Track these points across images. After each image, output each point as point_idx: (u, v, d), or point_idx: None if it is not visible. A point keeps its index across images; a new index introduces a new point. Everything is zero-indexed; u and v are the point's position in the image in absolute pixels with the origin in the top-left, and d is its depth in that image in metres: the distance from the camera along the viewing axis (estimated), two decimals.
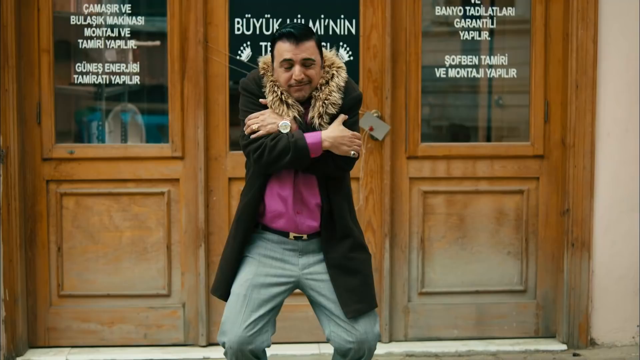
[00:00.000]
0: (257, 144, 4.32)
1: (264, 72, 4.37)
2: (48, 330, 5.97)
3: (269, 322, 4.41)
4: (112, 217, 5.95)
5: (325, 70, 4.38)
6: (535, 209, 6.09)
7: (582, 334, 6.01)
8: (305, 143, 4.28)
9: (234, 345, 4.35)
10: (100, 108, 6.65)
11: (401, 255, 6.04)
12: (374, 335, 4.41)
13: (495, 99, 6.84)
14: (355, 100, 4.44)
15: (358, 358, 4.45)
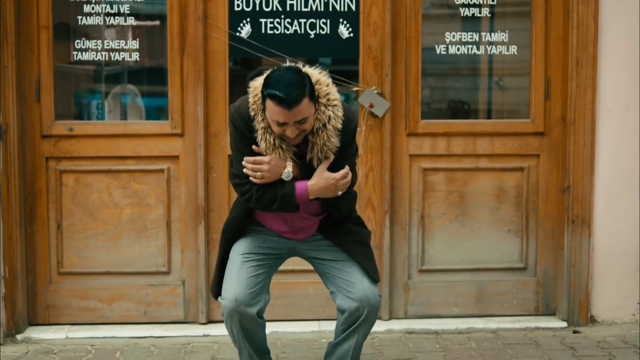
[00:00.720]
0: (245, 189, 4.39)
1: (254, 114, 4.32)
2: (48, 307, 5.96)
3: (264, 286, 4.46)
4: (112, 194, 5.94)
5: (320, 109, 4.32)
6: (536, 186, 6.08)
7: (582, 312, 6.00)
8: (294, 196, 4.31)
9: (232, 305, 4.38)
10: (100, 90, 6.64)
11: (401, 232, 6.03)
12: (375, 296, 4.45)
13: (495, 80, 6.82)
14: (353, 133, 4.45)
15: (358, 317, 4.47)
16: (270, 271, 4.58)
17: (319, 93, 4.31)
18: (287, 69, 4.27)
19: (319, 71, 4.37)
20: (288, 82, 4.16)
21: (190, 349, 5.63)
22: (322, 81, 4.34)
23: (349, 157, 4.47)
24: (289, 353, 5.53)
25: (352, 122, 4.43)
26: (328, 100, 4.32)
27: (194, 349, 5.64)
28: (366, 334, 4.60)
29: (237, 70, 7.53)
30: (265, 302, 4.49)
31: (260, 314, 4.46)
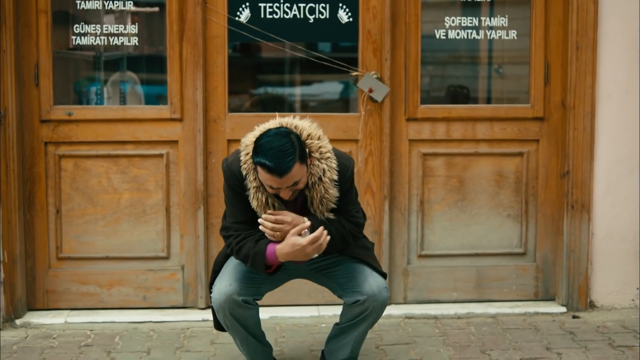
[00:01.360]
0: (229, 242, 4.43)
1: (246, 173, 4.34)
2: (47, 292, 5.96)
3: (259, 289, 4.58)
4: (111, 179, 5.93)
5: (314, 164, 4.33)
6: (535, 171, 6.08)
7: (582, 297, 6.00)
8: (263, 256, 4.32)
9: (221, 296, 4.41)
10: (99, 78, 6.64)
11: (400, 217, 6.03)
12: (382, 289, 4.48)
13: (495, 67, 6.82)
14: (351, 180, 4.47)
15: (366, 308, 4.49)
16: (267, 282, 4.58)
17: (311, 148, 4.33)
18: (276, 134, 4.22)
19: (309, 124, 4.39)
20: (277, 151, 4.15)
21: (189, 334, 5.63)
22: (314, 135, 4.36)
23: (350, 202, 4.49)
24: (288, 338, 5.53)
25: (348, 169, 4.45)
26: (321, 153, 4.34)
27: (193, 333, 5.64)
28: (372, 324, 4.62)
29: (236, 57, 7.54)
30: (256, 297, 4.51)
31: (251, 301, 4.47)
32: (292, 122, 4.39)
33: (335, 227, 4.40)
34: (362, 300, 4.47)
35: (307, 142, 4.32)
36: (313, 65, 6.91)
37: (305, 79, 8.09)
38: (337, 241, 4.40)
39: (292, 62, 7.90)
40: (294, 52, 6.09)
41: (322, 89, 8.06)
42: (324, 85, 7.99)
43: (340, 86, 7.83)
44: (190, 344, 5.45)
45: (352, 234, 4.47)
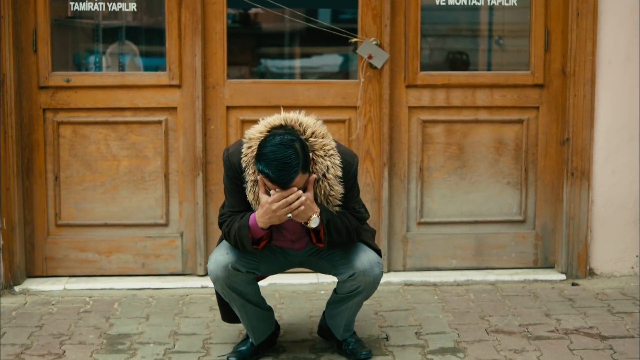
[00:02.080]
0: (222, 229, 4.44)
1: (245, 166, 4.32)
2: (46, 259, 5.95)
3: (256, 268, 4.56)
4: (110, 146, 5.92)
5: (318, 161, 4.30)
6: (535, 138, 6.06)
7: (581, 264, 5.99)
8: (247, 229, 4.30)
9: (216, 266, 4.42)
10: (98, 50, 6.62)
11: (400, 184, 6.01)
12: (376, 264, 4.46)
13: (495, 39, 6.80)
14: (354, 176, 4.45)
15: (356, 287, 4.48)
16: (265, 262, 4.58)
17: (315, 146, 4.29)
18: (281, 143, 4.14)
19: (314, 121, 4.35)
20: (281, 162, 4.12)
21: (188, 300, 5.63)
22: (318, 133, 4.33)
23: (353, 199, 4.47)
24: (287, 305, 5.53)
25: (352, 166, 4.42)
26: (324, 151, 4.31)
27: (192, 300, 5.64)
28: (365, 298, 4.63)
29: (236, 24, 7.51)
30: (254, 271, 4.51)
31: (249, 271, 4.46)
32: (296, 118, 4.34)
33: (341, 220, 4.37)
34: (353, 275, 4.45)
35: (310, 140, 4.29)
36: (313, 37, 6.90)
37: (304, 51, 8.07)
38: (342, 234, 4.37)
39: (291, 34, 7.88)
40: (293, 19, 6.07)
41: (322, 61, 8.04)
42: (324, 57, 7.98)
43: (339, 58, 7.82)
44: (189, 310, 5.45)
45: (356, 229, 4.44)
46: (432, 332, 5.08)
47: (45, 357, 4.74)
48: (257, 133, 4.30)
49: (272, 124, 4.31)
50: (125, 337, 5.02)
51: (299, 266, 4.78)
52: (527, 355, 4.72)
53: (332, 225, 4.31)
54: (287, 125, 4.30)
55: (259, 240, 4.36)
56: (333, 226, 4.32)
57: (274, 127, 4.30)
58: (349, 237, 4.41)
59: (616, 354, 4.74)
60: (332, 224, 4.31)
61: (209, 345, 4.90)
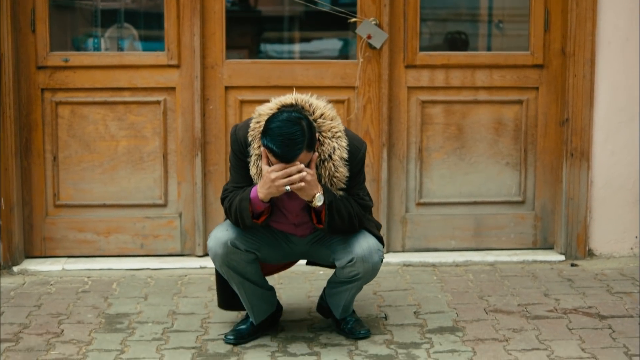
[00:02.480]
0: (224, 205, 4.43)
1: (251, 140, 4.32)
2: (44, 240, 5.95)
3: (257, 249, 4.54)
4: (108, 126, 5.91)
5: (325, 142, 4.29)
6: (534, 119, 6.04)
7: (580, 245, 5.99)
8: (248, 201, 4.28)
9: (216, 243, 4.41)
10: (97, 34, 6.60)
11: (399, 165, 6.00)
12: (371, 254, 4.44)
13: (495, 22, 6.78)
14: (362, 162, 4.43)
15: (354, 274, 4.47)
16: (266, 245, 4.57)
17: (323, 127, 4.30)
18: (288, 119, 4.15)
19: (324, 104, 4.36)
20: (286, 138, 4.12)
21: (186, 281, 5.63)
22: (327, 115, 4.33)
23: (358, 185, 4.45)
24: (286, 285, 5.52)
25: (359, 151, 4.41)
26: (332, 133, 4.31)
27: (191, 280, 5.64)
28: (367, 282, 4.62)
29: (235, 10, 7.50)
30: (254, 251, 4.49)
31: (249, 249, 4.45)
32: (307, 99, 4.35)
33: (344, 204, 4.36)
34: (351, 261, 4.43)
35: (319, 120, 4.30)
36: (312, 21, 6.89)
37: (304, 35, 8.06)
38: (344, 218, 4.35)
39: (291, 17, 7.87)
40: (293, 0, 6.04)
41: (321, 45, 8.04)
42: (323, 42, 7.97)
43: (339, 43, 7.81)
44: (187, 290, 5.45)
45: (358, 216, 4.42)
46: (430, 311, 5.08)
47: (44, 336, 4.73)
48: (267, 110, 4.31)
49: (282, 103, 4.33)
50: (124, 317, 5.02)
51: (300, 257, 4.77)
52: (526, 334, 4.72)
53: (335, 207, 4.30)
54: (297, 105, 4.32)
55: (259, 215, 4.35)
56: (335, 208, 4.30)
57: (284, 105, 4.32)
58: (351, 222, 4.39)
59: (615, 333, 4.73)
60: (335, 206, 4.30)
61: (207, 324, 4.90)
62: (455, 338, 4.68)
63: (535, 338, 4.66)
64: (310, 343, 4.63)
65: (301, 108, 4.30)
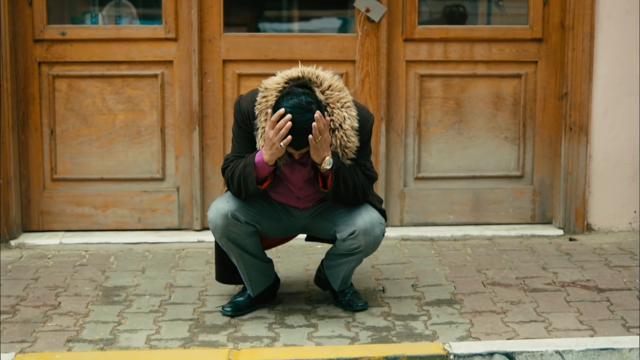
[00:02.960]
0: (225, 174, 4.40)
1: (258, 113, 4.29)
2: (42, 214, 5.93)
3: (258, 222, 4.53)
4: (105, 100, 5.89)
5: (334, 112, 4.27)
6: (533, 93, 6.02)
7: (579, 220, 5.98)
8: (252, 167, 4.26)
9: (216, 214, 4.40)
10: (96, 13, 6.56)
11: (397, 139, 5.99)
12: (374, 227, 4.44)
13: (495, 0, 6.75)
14: (370, 132, 4.43)
15: (356, 247, 4.47)
16: (266, 219, 4.55)
17: (332, 98, 4.28)
18: (299, 107, 4.14)
19: (331, 75, 4.34)
20: (298, 127, 4.12)
21: (184, 254, 5.62)
22: (335, 86, 4.32)
23: (364, 156, 4.44)
24: (284, 258, 5.52)
25: (368, 121, 4.40)
26: (341, 103, 4.29)
27: (189, 254, 5.63)
28: (367, 255, 4.61)
29: None
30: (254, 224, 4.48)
31: (249, 221, 4.44)
32: (314, 71, 4.33)
33: (350, 173, 4.34)
34: (353, 233, 4.42)
35: (327, 92, 4.28)
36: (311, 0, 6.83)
37: (303, 14, 8.01)
38: (349, 188, 4.34)
39: None
40: None
41: (320, 24, 7.98)
42: (322, 20, 7.92)
43: (338, 22, 7.76)
44: (185, 264, 5.44)
45: (363, 187, 4.40)
46: (428, 284, 5.07)
47: (41, 308, 4.73)
48: (273, 84, 4.29)
49: (289, 76, 4.30)
50: (121, 289, 5.01)
51: (300, 231, 4.75)
52: (524, 306, 4.72)
53: (341, 174, 4.29)
54: (304, 78, 4.29)
55: (263, 181, 4.33)
56: (342, 176, 4.30)
57: (291, 78, 4.29)
58: (355, 193, 4.38)
59: (613, 305, 4.73)
60: (341, 173, 4.29)
61: (205, 297, 4.89)
62: (452, 310, 4.67)
63: (533, 310, 4.66)
64: (308, 315, 4.62)
65: (308, 80, 4.28)
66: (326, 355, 4.09)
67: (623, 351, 4.13)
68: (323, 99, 4.25)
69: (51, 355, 4.11)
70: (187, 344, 4.26)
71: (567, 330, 4.39)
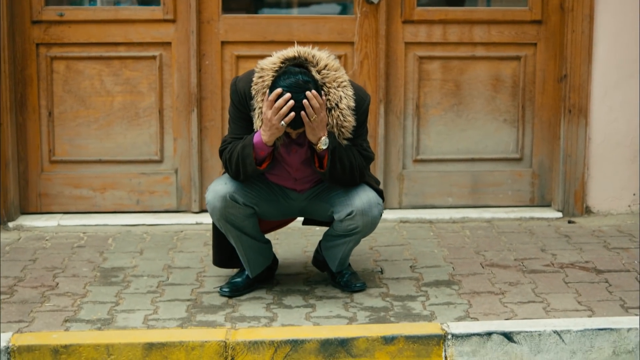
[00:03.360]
0: (223, 157, 4.40)
1: (255, 93, 4.28)
2: (40, 196, 5.92)
3: (256, 204, 4.53)
4: (104, 82, 5.87)
5: (330, 92, 4.26)
6: (533, 75, 6.00)
7: (578, 202, 5.97)
8: (251, 148, 4.25)
9: (214, 195, 4.39)
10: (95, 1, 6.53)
11: (396, 121, 5.97)
12: (371, 208, 4.43)
13: None
14: (366, 112, 4.41)
15: (353, 228, 4.46)
16: (264, 201, 4.54)
17: (328, 78, 4.26)
18: (296, 85, 4.13)
19: (327, 55, 4.33)
20: (295, 107, 4.11)
21: (182, 236, 5.62)
22: (331, 66, 4.30)
23: (361, 136, 4.42)
24: (282, 240, 5.51)
25: (364, 101, 4.39)
26: (338, 83, 4.28)
27: (187, 236, 5.63)
28: (365, 236, 4.61)
29: None
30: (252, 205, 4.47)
31: (247, 203, 4.43)
32: (310, 51, 4.32)
33: (347, 153, 4.33)
34: (351, 214, 4.42)
35: (323, 72, 4.27)
36: None
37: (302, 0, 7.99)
38: (345, 168, 4.32)
39: None
40: None
41: (320, 10, 7.95)
42: (322, 6, 7.89)
43: (337, 8, 7.73)
44: (183, 245, 5.44)
45: (360, 168, 4.39)
46: (427, 265, 5.07)
47: (38, 288, 4.72)
48: (270, 64, 4.27)
49: (285, 56, 4.29)
50: (119, 270, 5.01)
51: (298, 214, 4.74)
52: (522, 287, 4.71)
53: (337, 154, 4.28)
54: (300, 57, 4.28)
55: (261, 162, 4.32)
56: (338, 156, 4.29)
57: (287, 58, 4.28)
58: (352, 173, 4.37)
59: (611, 286, 4.72)
60: (337, 153, 4.28)
61: (202, 278, 4.89)
62: (451, 291, 4.67)
63: (531, 291, 4.65)
64: (306, 296, 4.62)
65: (304, 60, 4.27)
66: (324, 334, 4.09)
67: (621, 331, 4.12)
68: (319, 78, 4.23)
69: (48, 334, 4.10)
70: (185, 324, 4.25)
71: (566, 310, 4.39)
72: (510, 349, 4.09)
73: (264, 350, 4.04)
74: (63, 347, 4.00)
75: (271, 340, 4.05)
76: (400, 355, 4.07)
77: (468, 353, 4.08)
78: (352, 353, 4.06)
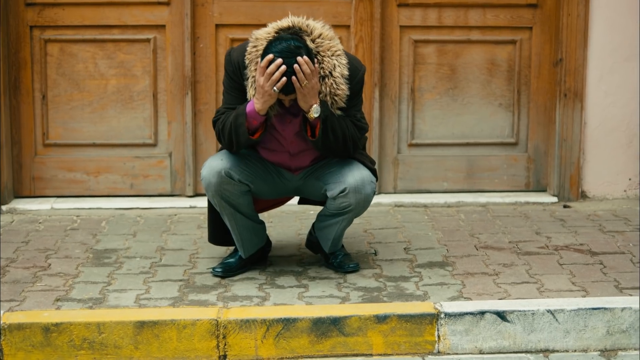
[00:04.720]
0: (216, 127, 4.38)
1: (248, 62, 4.27)
2: (33, 179, 5.90)
3: (252, 181, 4.51)
4: (97, 65, 5.85)
5: (324, 60, 4.25)
6: (528, 59, 5.98)
7: (573, 187, 5.95)
8: (244, 117, 4.23)
9: (210, 171, 4.37)
10: None
11: (391, 105, 5.95)
12: (364, 185, 4.41)
13: None
14: (361, 82, 4.40)
15: (347, 206, 4.44)
16: (259, 179, 4.53)
17: (322, 46, 4.26)
18: (288, 50, 4.12)
19: (321, 24, 4.32)
20: (287, 72, 4.10)
21: (176, 219, 5.60)
22: (325, 35, 4.30)
23: (355, 107, 4.41)
24: (276, 223, 5.50)
25: (359, 71, 4.37)
26: (332, 52, 4.27)
27: (180, 219, 5.61)
28: (358, 215, 4.58)
29: None
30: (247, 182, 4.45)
31: (242, 180, 4.41)
32: (304, 21, 4.32)
33: (339, 123, 4.31)
34: (344, 191, 4.40)
35: (317, 40, 4.26)
36: None
37: None
38: (338, 137, 4.30)
39: None
40: None
41: None
42: None
43: None
44: (176, 228, 5.43)
45: (353, 138, 4.37)
46: (420, 247, 5.05)
47: (31, 269, 4.70)
48: (264, 34, 4.27)
49: (279, 26, 4.29)
50: (112, 252, 4.99)
51: (293, 193, 4.72)
52: (516, 269, 4.69)
53: (329, 123, 4.27)
54: (294, 27, 4.28)
55: (254, 132, 4.30)
56: (330, 125, 4.27)
57: (281, 28, 4.28)
58: (345, 144, 4.35)
59: (606, 268, 4.70)
60: (329, 122, 4.26)
61: (195, 259, 4.87)
62: (444, 272, 4.65)
63: (525, 272, 4.63)
64: (299, 276, 4.60)
65: (298, 29, 4.27)
66: (316, 313, 4.07)
67: (615, 311, 4.11)
68: (313, 47, 4.23)
69: (39, 313, 4.08)
70: (177, 303, 4.24)
71: (560, 291, 4.37)
72: (503, 328, 4.08)
73: (255, 329, 4.02)
74: (54, 325, 3.98)
75: (263, 319, 4.03)
76: (392, 334, 4.05)
77: (461, 332, 4.06)
78: (345, 332, 4.04)
